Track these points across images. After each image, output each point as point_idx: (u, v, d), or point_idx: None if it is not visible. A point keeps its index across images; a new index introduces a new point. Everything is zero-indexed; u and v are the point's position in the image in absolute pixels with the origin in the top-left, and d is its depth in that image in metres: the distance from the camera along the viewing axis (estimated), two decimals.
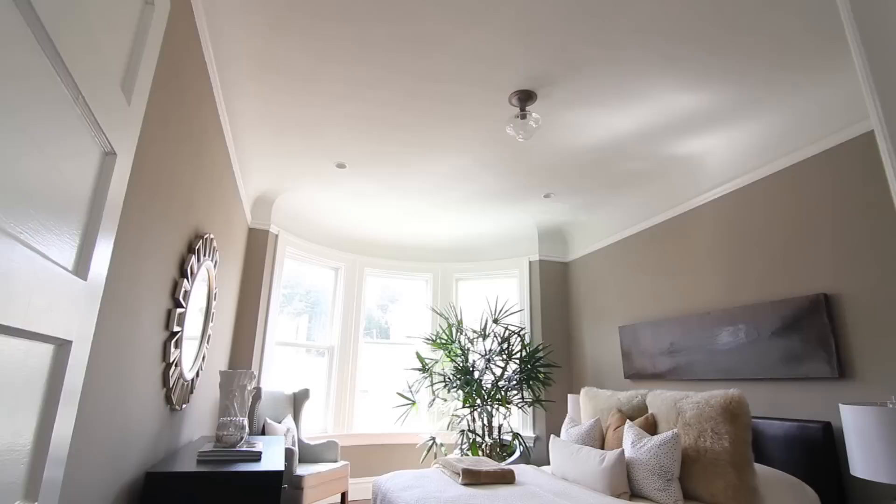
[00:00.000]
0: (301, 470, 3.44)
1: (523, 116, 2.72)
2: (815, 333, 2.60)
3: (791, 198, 2.88)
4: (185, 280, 1.99)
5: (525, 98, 2.71)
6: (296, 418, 4.03)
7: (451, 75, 2.54)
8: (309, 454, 3.87)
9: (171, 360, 1.93)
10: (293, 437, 3.74)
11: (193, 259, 2.06)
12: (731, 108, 2.78)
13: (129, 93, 0.95)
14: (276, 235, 4.38)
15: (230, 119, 2.76)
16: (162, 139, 1.60)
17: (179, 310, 1.96)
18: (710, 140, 3.14)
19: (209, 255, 2.36)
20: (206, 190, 2.38)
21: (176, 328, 1.94)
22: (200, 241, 2.16)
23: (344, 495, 3.77)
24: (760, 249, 3.03)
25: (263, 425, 3.62)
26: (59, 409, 0.78)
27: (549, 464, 4.42)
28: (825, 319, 2.56)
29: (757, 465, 2.52)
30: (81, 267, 0.83)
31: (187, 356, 2.19)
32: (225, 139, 2.76)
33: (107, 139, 0.87)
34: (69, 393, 0.82)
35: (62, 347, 0.80)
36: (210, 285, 2.51)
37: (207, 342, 2.59)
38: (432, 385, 4.64)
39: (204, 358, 2.58)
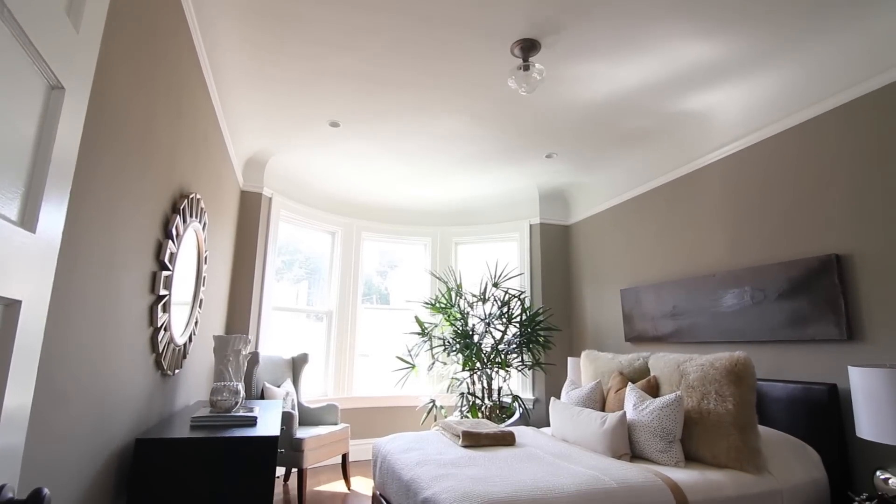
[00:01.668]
0: (301, 433, 3.45)
1: (526, 68, 2.56)
2: (824, 295, 2.52)
3: (804, 155, 2.75)
4: (171, 241, 1.89)
5: (528, 48, 2.54)
6: (295, 382, 4.03)
7: (449, 21, 2.37)
8: (309, 417, 3.88)
9: (160, 325, 1.86)
10: (293, 400, 3.74)
11: (178, 219, 1.96)
12: (744, 59, 2.61)
13: (77, 18, 0.82)
14: (270, 198, 4.26)
15: (213, 71, 2.59)
16: (132, 84, 1.47)
17: (165, 272, 1.88)
18: (720, 94, 2.98)
19: (197, 217, 2.26)
20: (191, 146, 2.25)
21: (163, 292, 1.86)
22: (186, 200, 2.05)
23: (345, 457, 3.81)
24: (770, 209, 2.92)
25: (262, 389, 3.60)
26: (10, 373, 0.69)
27: (548, 425, 4.46)
28: (836, 280, 2.48)
29: (759, 427, 2.50)
30: (28, 218, 0.73)
31: (177, 321, 2.12)
32: (209, 93, 2.60)
33: (50, 70, 0.75)
34: (24, 356, 0.73)
35: (10, 308, 0.71)
36: (199, 248, 2.41)
37: (200, 307, 2.52)
38: (432, 349, 4.62)
39: (197, 323, 2.51)
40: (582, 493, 1.90)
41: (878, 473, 2.02)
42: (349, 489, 3.73)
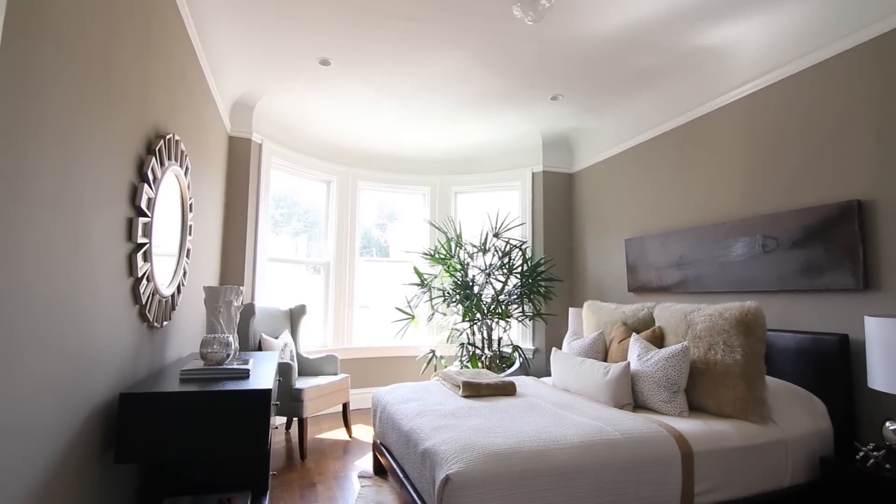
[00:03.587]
0: (300, 383, 3.43)
1: None
2: (842, 243, 2.41)
3: (829, 94, 2.55)
4: (147, 185, 1.74)
5: None
6: (293, 334, 3.99)
7: None
8: (309, 368, 3.86)
9: (141, 275, 1.74)
10: (291, 351, 3.70)
11: (154, 161, 1.80)
12: None
13: None
14: (260, 145, 4.05)
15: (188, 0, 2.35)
16: (82, 2, 1.28)
17: (143, 219, 1.74)
18: (741, 27, 2.73)
19: (176, 160, 2.09)
20: (166, 83, 2.06)
21: (142, 239, 1.73)
22: (162, 141, 1.88)
23: (345, 406, 3.82)
24: (789, 154, 2.75)
25: (260, 341, 3.56)
26: None
27: (548, 375, 4.47)
28: (855, 228, 2.35)
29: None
30: None
31: (162, 271, 2.01)
32: (185, 24, 2.36)
33: None
34: None
35: None
36: (183, 194, 2.26)
37: (187, 257, 2.40)
38: (431, 300, 4.56)
39: (185, 274, 2.40)
40: (586, 444, 1.86)
41: (887, 424, 1.98)
42: (350, 437, 3.77)
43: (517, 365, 4.21)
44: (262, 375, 1.90)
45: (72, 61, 1.22)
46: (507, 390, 2.75)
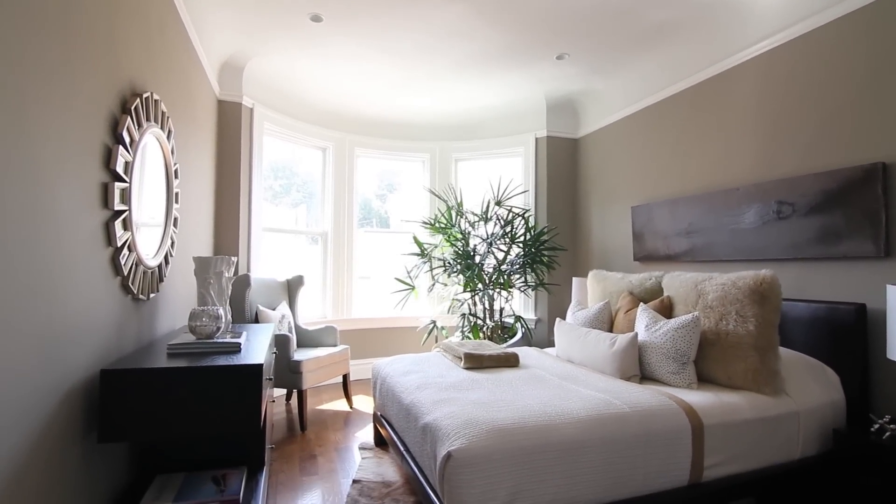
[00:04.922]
0: (299, 355, 3.37)
1: None
2: (863, 208, 2.28)
3: (855, 50, 2.37)
4: (123, 148, 1.61)
5: None
6: (291, 305, 3.91)
7: None
8: (308, 339, 3.81)
9: (120, 244, 1.63)
10: (289, 323, 3.63)
11: (130, 122, 1.66)
12: None
13: None
14: (251, 109, 3.87)
15: None
16: None
17: (120, 184, 1.62)
18: None
19: (156, 121, 1.95)
20: (141, 37, 1.89)
21: (120, 206, 1.61)
22: (139, 99, 1.74)
23: (346, 377, 3.78)
24: (809, 114, 2.59)
25: (256, 313, 3.48)
26: None
27: (550, 346, 4.42)
28: (879, 192, 2.23)
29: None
30: None
31: (146, 241, 1.90)
32: None
33: None
34: None
35: None
36: (166, 159, 2.13)
37: (175, 226, 2.29)
38: (431, 270, 4.47)
39: (173, 244, 2.29)
40: (593, 418, 1.79)
41: None
42: (351, 408, 3.74)
43: (519, 335, 4.15)
44: (255, 349, 1.81)
45: (21, 5, 1.08)
46: (510, 362, 2.68)
